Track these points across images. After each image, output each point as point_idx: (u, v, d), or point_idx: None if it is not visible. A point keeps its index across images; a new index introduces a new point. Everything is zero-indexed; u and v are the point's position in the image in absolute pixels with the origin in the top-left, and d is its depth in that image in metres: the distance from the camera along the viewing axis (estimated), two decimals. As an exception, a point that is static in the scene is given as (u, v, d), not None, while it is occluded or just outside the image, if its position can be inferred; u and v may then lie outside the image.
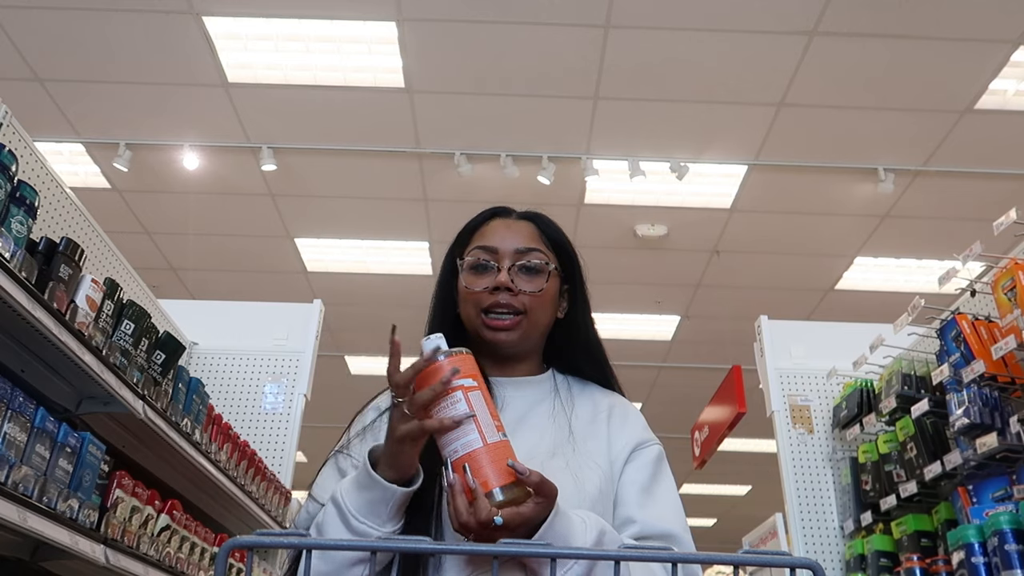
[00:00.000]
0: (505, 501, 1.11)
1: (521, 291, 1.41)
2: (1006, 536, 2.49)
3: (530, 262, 1.43)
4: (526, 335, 1.43)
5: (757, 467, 10.53)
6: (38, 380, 2.30)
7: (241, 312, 4.46)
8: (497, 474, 1.13)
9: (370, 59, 5.33)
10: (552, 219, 1.55)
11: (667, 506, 1.37)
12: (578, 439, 1.38)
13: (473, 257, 1.45)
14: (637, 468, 1.39)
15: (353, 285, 7.55)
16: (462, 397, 1.15)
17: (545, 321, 1.46)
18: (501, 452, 1.15)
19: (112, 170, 6.18)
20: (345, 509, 1.21)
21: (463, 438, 1.14)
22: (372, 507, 1.19)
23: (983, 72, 5.19)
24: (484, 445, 1.14)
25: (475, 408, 1.15)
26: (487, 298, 1.41)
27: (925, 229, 6.69)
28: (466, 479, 1.12)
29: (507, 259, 1.43)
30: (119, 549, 2.27)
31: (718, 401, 6.77)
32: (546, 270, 1.44)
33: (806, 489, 3.86)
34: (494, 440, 1.15)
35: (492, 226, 1.50)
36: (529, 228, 1.50)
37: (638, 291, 7.73)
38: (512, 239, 1.46)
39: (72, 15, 5.00)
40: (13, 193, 1.98)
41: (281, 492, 3.69)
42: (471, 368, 1.20)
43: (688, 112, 5.65)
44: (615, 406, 1.47)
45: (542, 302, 1.44)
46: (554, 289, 1.47)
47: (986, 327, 2.92)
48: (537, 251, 1.45)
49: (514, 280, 1.42)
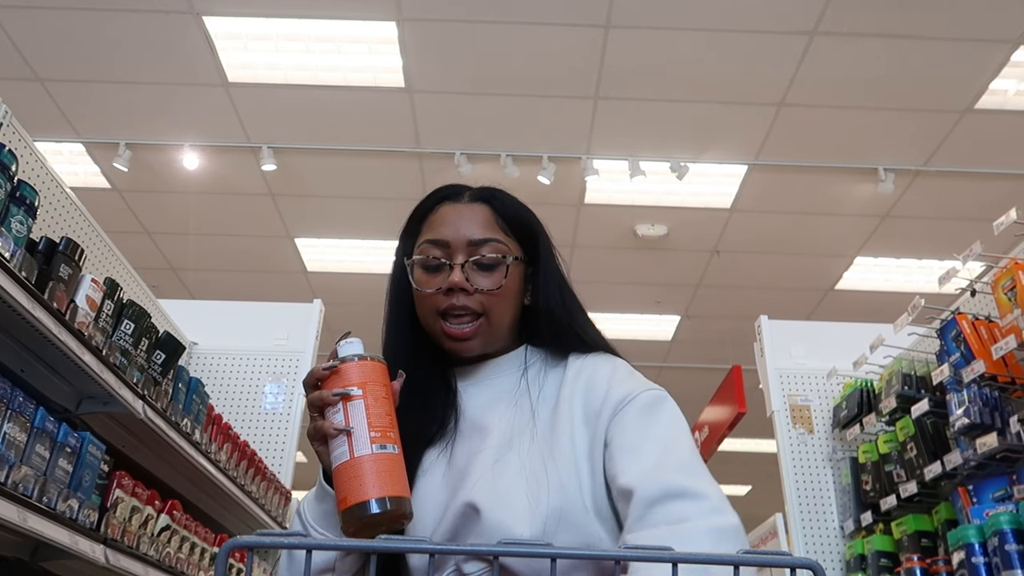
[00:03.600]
0: (354, 518, 1.08)
1: (478, 290, 1.27)
2: (1006, 536, 2.49)
3: (485, 257, 1.28)
4: (489, 339, 1.30)
5: (757, 467, 10.52)
6: (38, 380, 2.30)
7: (241, 312, 4.46)
8: (355, 491, 1.08)
9: (370, 59, 5.33)
10: (509, 193, 1.38)
11: (662, 454, 1.14)
12: (543, 424, 1.24)
13: (422, 254, 1.30)
14: (621, 428, 1.19)
15: (353, 285, 7.55)
16: (340, 408, 1.12)
17: (508, 318, 1.32)
18: (366, 468, 1.09)
19: (112, 170, 6.18)
20: (305, 519, 1.20)
21: (336, 450, 1.12)
22: (327, 518, 1.17)
23: (983, 72, 5.19)
24: (350, 458, 1.10)
25: (351, 420, 1.11)
26: (442, 300, 1.27)
27: (925, 229, 6.69)
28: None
29: (460, 253, 1.28)
30: (119, 549, 2.27)
31: (718, 401, 6.78)
32: (504, 263, 1.29)
33: (806, 489, 3.86)
34: (362, 454, 1.10)
35: (441, 214, 1.33)
36: (483, 212, 1.33)
37: (638, 291, 7.73)
38: (464, 228, 1.29)
39: (72, 15, 5.00)
40: (13, 193, 1.98)
41: (281, 492, 3.69)
42: (366, 375, 1.14)
43: (688, 112, 5.65)
44: (584, 367, 1.28)
45: (502, 300, 1.29)
46: (515, 281, 1.31)
47: (986, 327, 2.92)
48: (493, 241, 1.29)
49: (469, 278, 1.27)
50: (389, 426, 1.13)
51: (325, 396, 1.12)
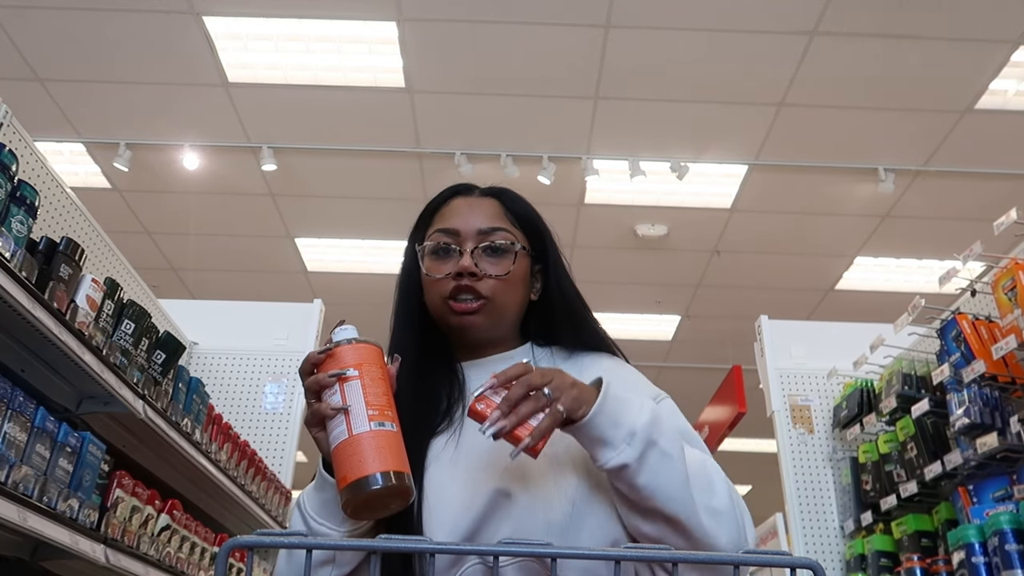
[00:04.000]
0: (353, 495, 1.07)
1: (486, 275, 1.31)
2: (1006, 536, 2.49)
3: (494, 243, 1.33)
4: (494, 321, 1.33)
5: (757, 467, 10.51)
6: (38, 380, 2.30)
7: (241, 312, 4.46)
8: (354, 467, 1.08)
9: (370, 59, 5.33)
10: (519, 193, 1.44)
11: (700, 451, 1.23)
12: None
13: (433, 241, 1.35)
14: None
15: (353, 285, 7.55)
16: (337, 390, 1.13)
17: (514, 305, 1.35)
18: (365, 444, 1.09)
19: (112, 170, 6.18)
20: (304, 510, 1.20)
21: (333, 431, 1.12)
22: (326, 507, 1.17)
23: (983, 72, 5.19)
24: (349, 436, 1.10)
25: (348, 399, 1.12)
26: (450, 284, 1.31)
27: (925, 229, 6.69)
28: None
29: (470, 241, 1.33)
30: (119, 549, 2.28)
31: (718, 401, 6.79)
32: (512, 250, 1.34)
33: (806, 489, 3.86)
34: (360, 431, 1.09)
35: (453, 206, 1.39)
36: (493, 206, 1.39)
37: (638, 291, 7.73)
38: (475, 218, 1.35)
39: (72, 15, 5.00)
40: (13, 193, 1.98)
41: (281, 492, 3.70)
42: (362, 357, 1.15)
43: (688, 112, 5.65)
44: (605, 371, 1.30)
45: (509, 285, 1.33)
46: (522, 270, 1.36)
47: (986, 327, 2.93)
48: (502, 230, 1.35)
49: (478, 264, 1.31)
50: (387, 405, 1.13)
51: (321, 379, 1.13)
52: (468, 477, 1.22)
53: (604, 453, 1.11)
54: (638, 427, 1.11)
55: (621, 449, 1.10)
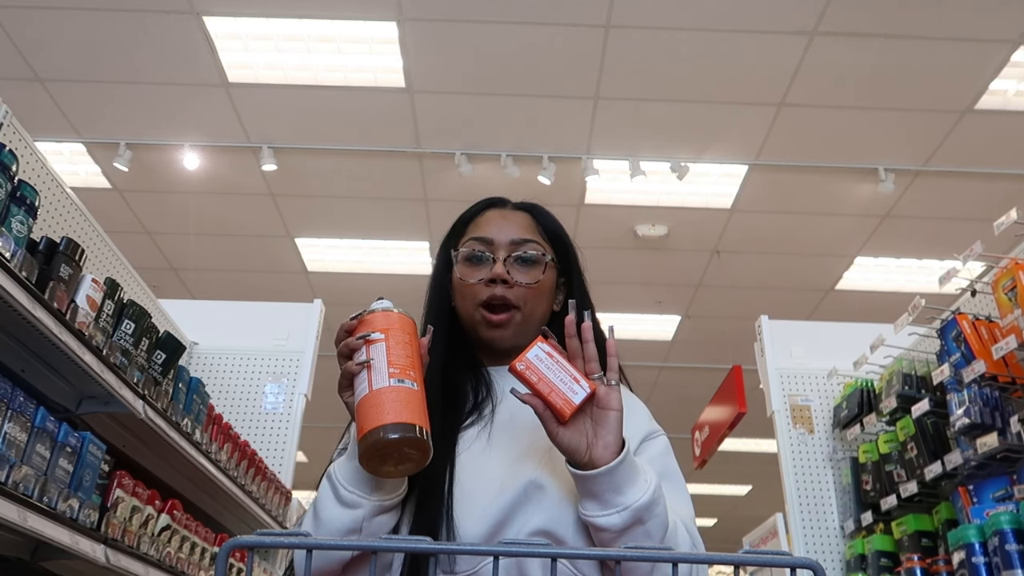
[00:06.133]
0: (370, 444, 1.11)
1: (517, 283, 1.39)
2: (1007, 536, 2.49)
3: (526, 253, 1.41)
4: (520, 330, 1.40)
5: (757, 467, 10.53)
6: (38, 380, 2.30)
7: (241, 312, 4.47)
8: (372, 419, 1.11)
9: (370, 59, 5.33)
10: (548, 210, 1.53)
11: (680, 499, 1.32)
12: None
13: (468, 248, 1.43)
14: (648, 460, 1.34)
15: (353, 285, 7.55)
16: (364, 351, 1.18)
17: (540, 314, 1.43)
18: (384, 397, 1.13)
19: (112, 170, 6.18)
20: (335, 479, 1.22)
21: (358, 387, 1.17)
22: (357, 474, 1.20)
23: (983, 72, 5.19)
24: (369, 392, 1.14)
25: (372, 357, 1.16)
26: (483, 291, 1.39)
27: (925, 229, 6.69)
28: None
29: (502, 250, 1.41)
30: (119, 549, 2.28)
31: (718, 401, 6.78)
32: (542, 261, 1.42)
33: (806, 489, 3.86)
34: (380, 386, 1.14)
35: (487, 217, 1.48)
36: (525, 219, 1.48)
37: (638, 291, 7.73)
38: (508, 230, 1.43)
39: (72, 15, 5.00)
40: (13, 193, 1.98)
41: (281, 492, 3.70)
42: (391, 323, 1.20)
43: (688, 112, 5.65)
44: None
45: (538, 294, 1.41)
46: (550, 281, 1.44)
47: (987, 327, 2.93)
48: (533, 242, 1.43)
49: (510, 272, 1.39)
50: (410, 366, 1.17)
51: (350, 342, 1.20)
52: (502, 467, 1.27)
53: (592, 508, 1.17)
54: (635, 505, 1.16)
55: (610, 514, 1.16)
